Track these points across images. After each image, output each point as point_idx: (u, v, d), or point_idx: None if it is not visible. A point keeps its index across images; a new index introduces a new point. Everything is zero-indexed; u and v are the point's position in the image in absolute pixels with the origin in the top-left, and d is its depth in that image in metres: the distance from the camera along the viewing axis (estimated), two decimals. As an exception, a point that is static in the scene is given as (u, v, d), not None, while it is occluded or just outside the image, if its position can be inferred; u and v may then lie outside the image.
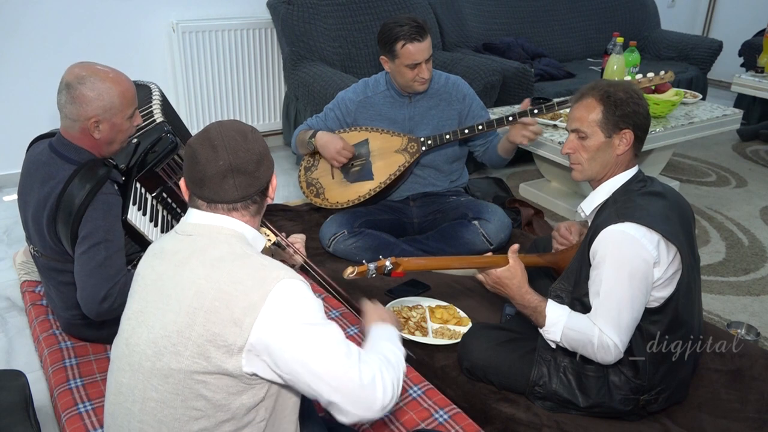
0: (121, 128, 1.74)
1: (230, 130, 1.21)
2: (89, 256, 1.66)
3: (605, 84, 1.68)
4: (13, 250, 2.74)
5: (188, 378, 1.13)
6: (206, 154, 1.18)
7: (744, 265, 2.86)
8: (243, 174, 1.19)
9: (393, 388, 1.17)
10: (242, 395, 1.15)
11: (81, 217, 1.65)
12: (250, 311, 1.10)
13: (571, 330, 1.62)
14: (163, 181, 2.01)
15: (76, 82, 1.66)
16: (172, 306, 1.15)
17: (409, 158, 2.51)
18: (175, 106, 3.78)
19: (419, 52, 2.35)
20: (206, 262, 1.15)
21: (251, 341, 1.10)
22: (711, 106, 3.45)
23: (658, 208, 1.60)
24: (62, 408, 1.70)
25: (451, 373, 1.90)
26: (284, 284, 1.13)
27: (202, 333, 1.11)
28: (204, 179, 1.19)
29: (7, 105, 3.30)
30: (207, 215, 1.22)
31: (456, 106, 2.55)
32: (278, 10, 3.60)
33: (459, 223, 2.51)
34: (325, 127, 2.62)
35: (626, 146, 1.65)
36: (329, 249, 2.53)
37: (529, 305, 1.67)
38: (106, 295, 1.65)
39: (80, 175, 1.68)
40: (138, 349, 1.18)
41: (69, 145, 1.73)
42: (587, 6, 4.65)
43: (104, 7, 3.40)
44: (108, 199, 1.70)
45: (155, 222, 1.97)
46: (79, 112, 1.67)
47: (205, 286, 1.12)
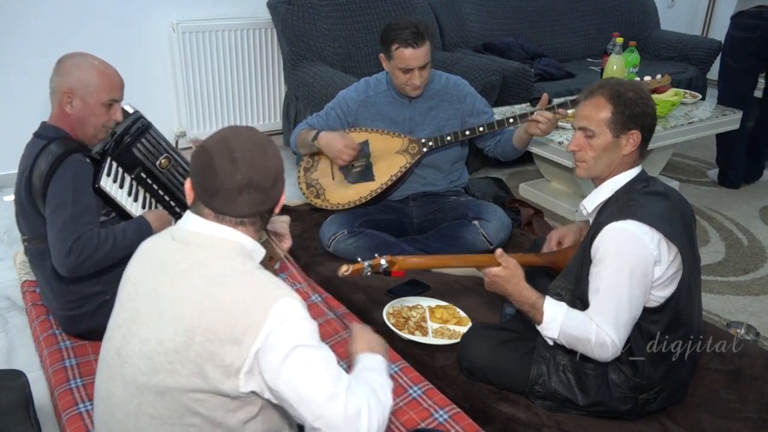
0: (93, 111, 1.79)
1: (250, 143, 1.16)
2: (56, 214, 1.70)
3: (615, 83, 1.67)
4: (13, 250, 2.74)
5: (184, 396, 1.11)
6: (224, 166, 1.13)
7: (743, 265, 2.86)
8: (259, 191, 1.16)
9: (378, 425, 1.13)
10: (238, 412, 1.14)
11: (49, 179, 1.71)
12: (249, 331, 1.08)
13: (569, 327, 1.61)
14: (140, 161, 1.99)
15: (65, 57, 1.79)
16: (169, 321, 1.12)
17: (410, 159, 2.51)
18: (176, 106, 3.79)
19: (412, 59, 2.34)
20: (206, 277, 1.12)
21: (249, 362, 1.08)
22: (711, 106, 3.46)
23: (660, 208, 1.61)
24: (62, 408, 1.70)
25: (451, 373, 1.90)
26: (282, 303, 1.11)
27: (200, 352, 1.09)
28: (218, 191, 1.14)
29: (7, 105, 3.30)
30: (212, 225, 1.18)
31: (457, 106, 2.55)
32: (278, 10, 3.60)
33: (459, 223, 2.51)
34: (326, 125, 2.61)
35: (633, 147, 1.65)
36: (329, 249, 2.53)
37: (527, 302, 1.66)
38: (70, 248, 1.67)
39: (52, 144, 1.76)
40: (131, 361, 1.15)
41: (48, 127, 1.83)
42: (587, 6, 4.65)
43: (104, 7, 3.40)
44: (77, 165, 1.76)
45: (135, 198, 1.97)
46: (58, 83, 1.78)
47: (207, 305, 1.10)
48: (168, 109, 3.77)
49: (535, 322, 1.67)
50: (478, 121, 2.54)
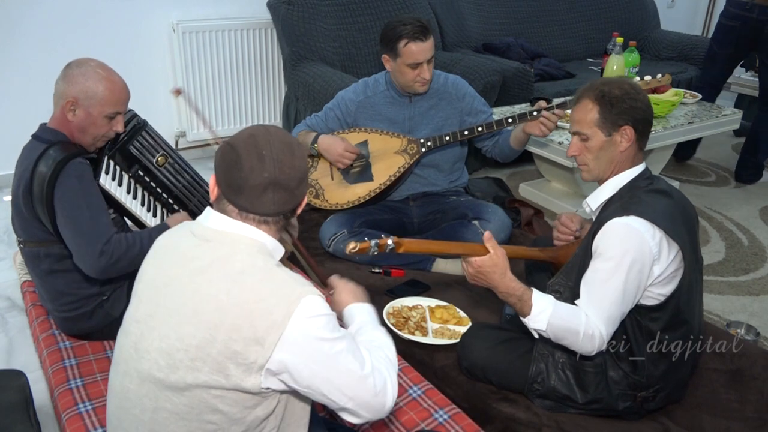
0: (95, 121, 1.78)
1: (278, 141, 1.16)
2: (73, 218, 1.69)
3: (600, 83, 1.68)
4: (13, 250, 2.74)
5: (204, 393, 1.11)
6: (251, 162, 1.14)
7: (743, 265, 2.86)
8: (284, 190, 1.16)
9: (396, 388, 1.20)
10: (256, 408, 1.15)
11: (53, 185, 1.69)
12: (273, 330, 1.09)
13: (558, 318, 1.58)
14: (138, 159, 1.99)
15: (75, 64, 1.76)
16: (188, 317, 1.12)
17: (408, 159, 2.51)
18: (175, 106, 3.79)
19: (421, 52, 2.35)
20: (227, 274, 1.13)
21: (272, 360, 1.09)
22: (711, 106, 3.46)
23: (663, 206, 1.61)
24: (62, 408, 1.70)
25: (451, 373, 1.90)
26: (306, 302, 1.12)
27: (222, 350, 1.09)
28: (243, 187, 1.15)
29: (7, 105, 3.30)
30: (235, 223, 1.18)
31: (456, 105, 2.55)
32: (278, 10, 3.60)
33: (459, 223, 2.51)
34: (325, 126, 2.62)
35: (628, 142, 1.65)
36: (329, 249, 2.53)
37: (514, 293, 1.62)
38: (101, 251, 1.67)
39: (52, 149, 1.74)
40: (148, 356, 1.15)
41: (47, 129, 1.81)
42: (587, 6, 4.65)
43: (104, 7, 3.40)
44: (78, 167, 1.74)
45: (134, 196, 1.97)
46: (64, 90, 1.75)
47: (226, 302, 1.10)
48: (168, 109, 3.77)
49: (522, 315, 1.64)
50: (476, 120, 2.54)
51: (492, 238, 1.66)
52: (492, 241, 1.65)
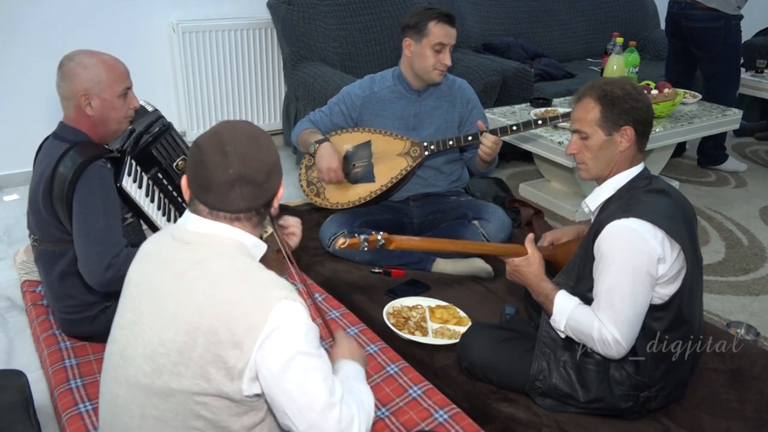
0: (112, 105, 1.77)
1: (242, 135, 1.14)
2: (88, 224, 1.68)
3: (602, 82, 1.69)
4: (13, 250, 2.73)
5: (188, 399, 1.10)
6: (215, 159, 1.11)
7: (743, 265, 2.86)
8: (251, 184, 1.13)
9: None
10: (243, 417, 1.13)
11: (74, 187, 1.68)
12: (250, 333, 1.07)
13: (574, 321, 1.64)
14: (158, 161, 2.00)
15: (66, 60, 1.75)
16: (169, 322, 1.11)
17: (411, 162, 2.50)
18: (175, 106, 3.79)
19: (448, 36, 2.40)
20: (206, 276, 1.11)
21: (251, 364, 1.07)
22: (711, 106, 3.46)
23: (662, 206, 1.62)
24: (62, 408, 1.70)
25: (451, 372, 1.90)
26: (284, 306, 1.09)
27: (203, 354, 1.08)
28: (210, 185, 1.13)
29: (7, 105, 3.29)
30: (208, 223, 1.16)
31: (459, 110, 2.56)
32: (278, 10, 3.60)
33: (459, 223, 2.51)
34: (329, 121, 2.60)
35: (628, 142, 1.65)
36: (329, 249, 2.53)
37: (543, 293, 1.71)
38: (109, 264, 1.66)
39: (73, 151, 1.72)
40: (134, 363, 1.14)
41: (68, 128, 1.79)
42: (587, 6, 4.65)
43: (104, 7, 3.40)
44: (100, 171, 1.73)
45: (151, 198, 1.97)
46: (69, 88, 1.74)
47: (204, 305, 1.08)
48: (168, 109, 3.77)
49: (548, 313, 1.71)
50: (468, 129, 2.55)
51: (532, 240, 1.75)
52: (531, 244, 1.75)
